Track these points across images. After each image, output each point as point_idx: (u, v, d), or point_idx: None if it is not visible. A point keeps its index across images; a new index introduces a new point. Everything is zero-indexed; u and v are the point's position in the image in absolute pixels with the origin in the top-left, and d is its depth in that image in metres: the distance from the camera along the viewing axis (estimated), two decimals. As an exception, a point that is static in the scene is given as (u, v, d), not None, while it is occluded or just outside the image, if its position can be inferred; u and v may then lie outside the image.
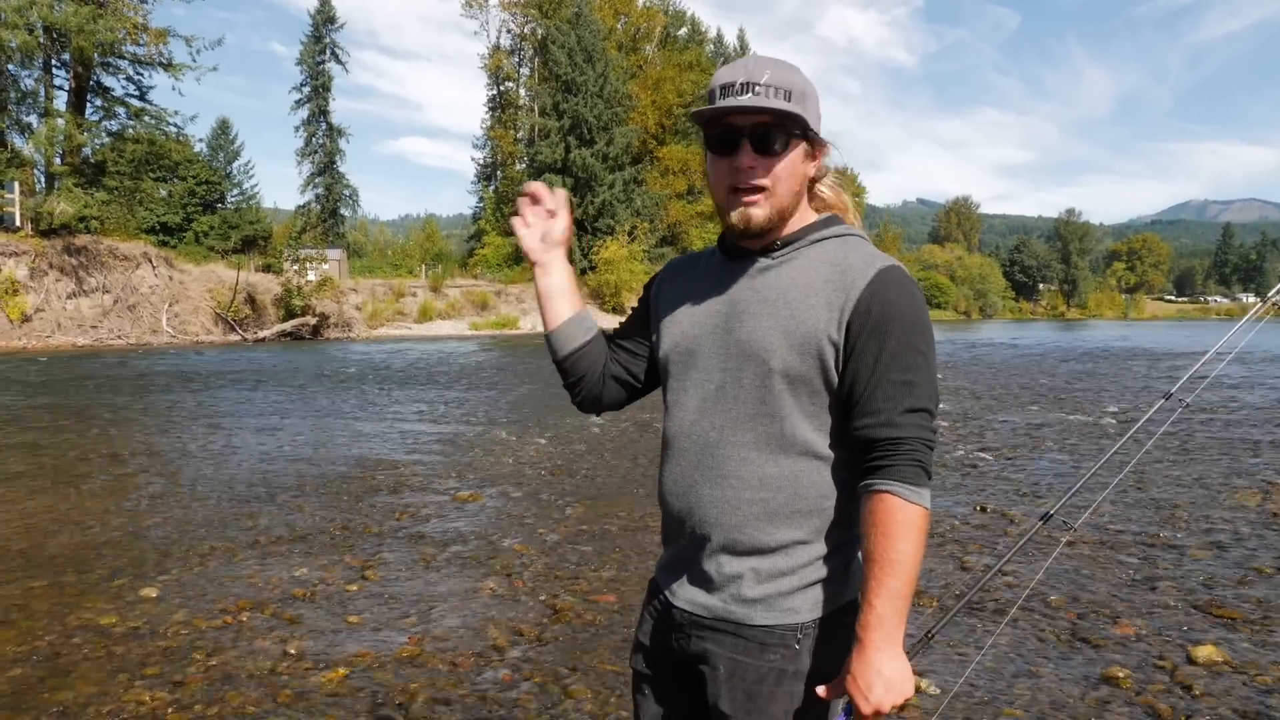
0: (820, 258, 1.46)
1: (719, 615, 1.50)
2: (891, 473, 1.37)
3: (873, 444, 1.40)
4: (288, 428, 10.86)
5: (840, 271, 1.43)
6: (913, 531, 1.36)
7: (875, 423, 1.39)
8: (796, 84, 1.42)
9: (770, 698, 1.47)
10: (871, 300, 1.39)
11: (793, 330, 1.42)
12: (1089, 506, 2.71)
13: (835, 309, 1.41)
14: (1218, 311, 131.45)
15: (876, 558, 1.36)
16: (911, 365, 1.39)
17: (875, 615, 1.36)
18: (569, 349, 1.69)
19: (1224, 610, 4.41)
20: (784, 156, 1.43)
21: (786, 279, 1.46)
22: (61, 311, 29.58)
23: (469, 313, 45.33)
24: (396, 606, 4.52)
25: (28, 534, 5.88)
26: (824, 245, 1.48)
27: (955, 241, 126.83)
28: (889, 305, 1.39)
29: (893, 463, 1.38)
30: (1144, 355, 26.30)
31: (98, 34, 32.22)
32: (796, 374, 1.42)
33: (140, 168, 36.84)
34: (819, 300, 1.42)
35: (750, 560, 1.47)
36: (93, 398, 14.00)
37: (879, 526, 1.37)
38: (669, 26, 69.17)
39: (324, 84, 62.28)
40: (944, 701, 3.37)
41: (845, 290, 1.41)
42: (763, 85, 1.39)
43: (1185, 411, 3.78)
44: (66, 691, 3.46)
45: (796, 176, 1.45)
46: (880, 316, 1.39)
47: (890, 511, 1.36)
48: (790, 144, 1.43)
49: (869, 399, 1.39)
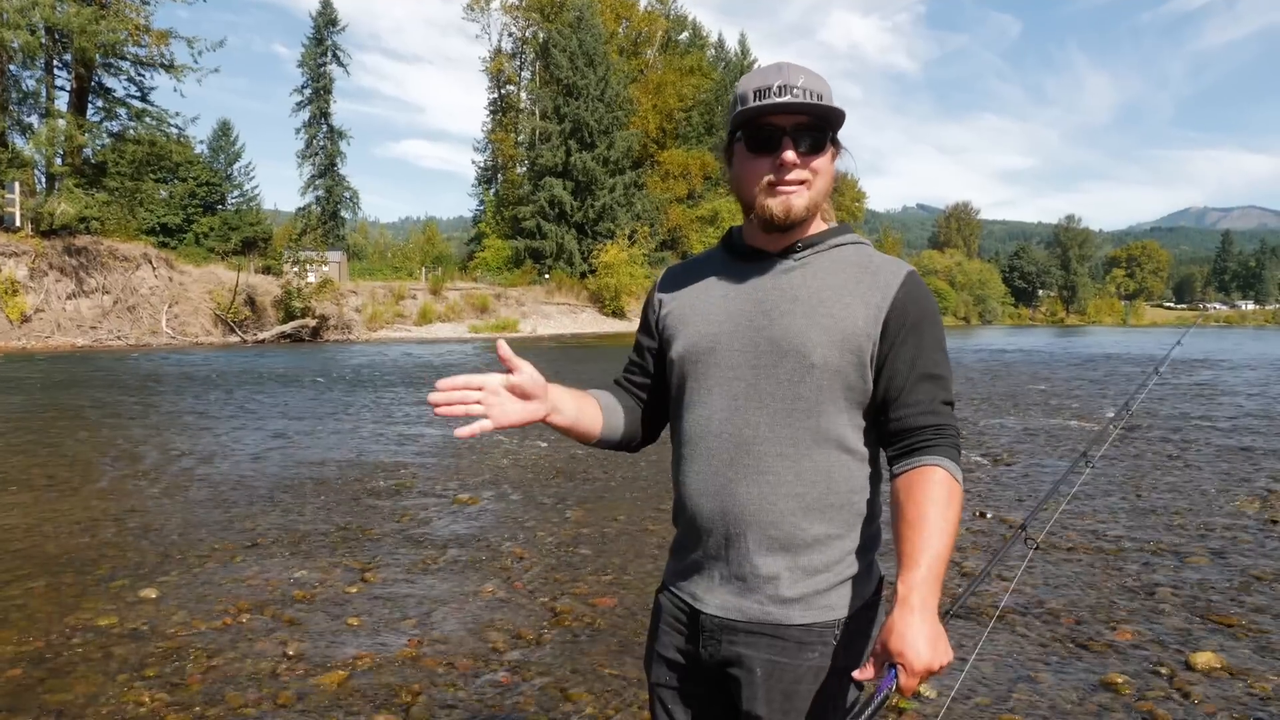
0: (843, 260, 1.53)
1: (755, 618, 1.50)
2: (941, 451, 1.44)
3: (916, 430, 1.46)
4: (287, 430, 10.86)
5: (870, 274, 1.50)
6: (957, 503, 1.42)
7: (918, 411, 1.46)
8: (826, 89, 1.49)
9: (809, 696, 1.48)
10: (907, 300, 1.48)
11: (831, 327, 1.47)
12: (1057, 514, 2.71)
13: (873, 308, 1.47)
14: (1216, 319, 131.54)
15: (925, 522, 1.38)
16: (942, 361, 1.49)
17: (921, 575, 1.35)
18: (618, 437, 1.70)
19: (1223, 617, 4.41)
20: (822, 153, 1.50)
21: (816, 279, 1.51)
22: (61, 312, 29.58)
23: (469, 315, 45.34)
24: (396, 609, 4.52)
25: (27, 534, 5.88)
26: (842, 250, 1.55)
27: (955, 247, 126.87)
28: (921, 306, 1.49)
29: (940, 444, 1.45)
30: (1144, 361, 26.31)
31: (100, 35, 32.23)
32: (835, 369, 1.47)
33: (141, 169, 36.82)
34: (855, 299, 1.48)
35: (787, 557, 1.49)
36: (92, 399, 13.99)
37: (930, 494, 1.40)
38: (670, 31, 69.29)
39: (325, 86, 62.44)
40: (943, 706, 3.37)
41: (881, 291, 1.48)
42: (799, 88, 1.46)
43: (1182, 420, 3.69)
44: (65, 692, 3.46)
45: (830, 174, 1.53)
46: (916, 316, 1.48)
47: (942, 482, 1.41)
48: (827, 143, 1.50)
49: (910, 391, 1.46)
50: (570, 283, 54.19)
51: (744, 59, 75.97)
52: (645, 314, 1.72)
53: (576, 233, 57.04)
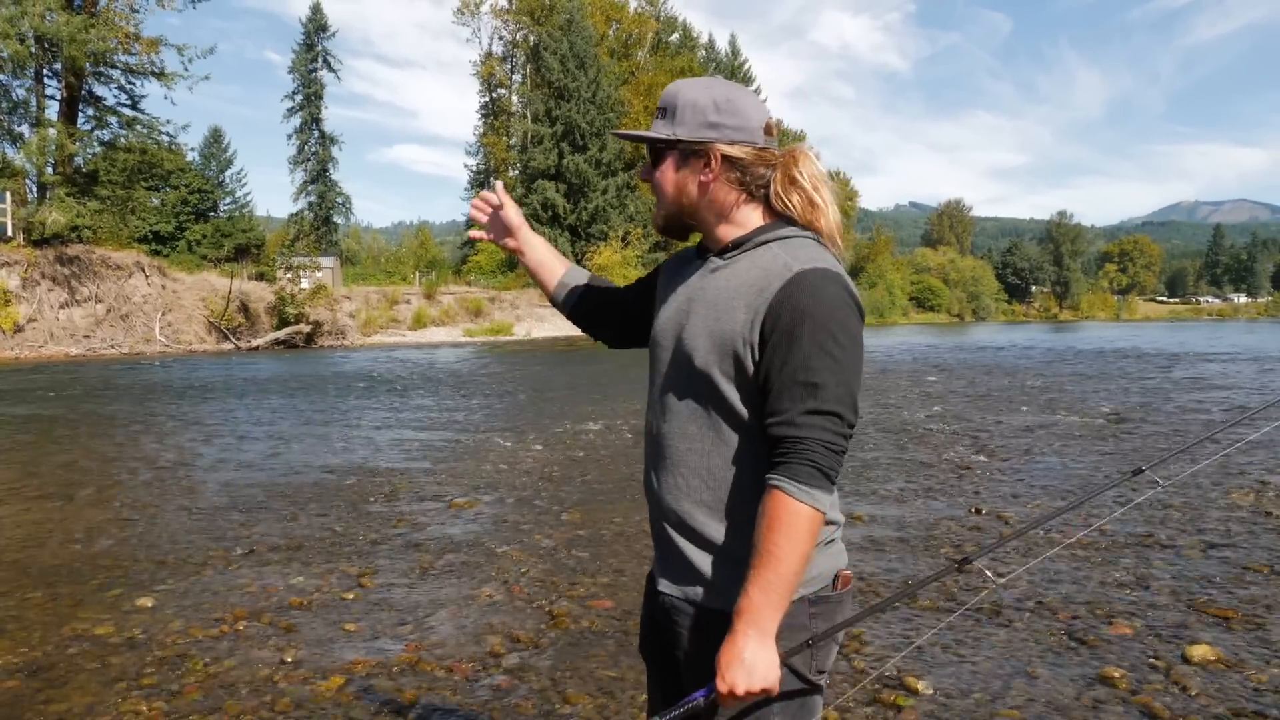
0: (757, 261, 1.51)
1: (687, 599, 1.58)
2: (785, 470, 1.40)
3: (776, 442, 1.44)
4: (282, 436, 10.84)
5: (764, 275, 1.47)
6: (795, 529, 1.39)
7: (777, 422, 1.43)
8: (674, 101, 1.55)
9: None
10: (783, 303, 1.42)
11: (715, 331, 1.49)
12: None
13: (752, 311, 1.45)
14: (1209, 312, 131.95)
15: (758, 549, 1.41)
16: (819, 367, 1.40)
17: (747, 602, 1.41)
18: (570, 287, 1.89)
19: (1218, 609, 4.43)
20: (659, 170, 1.59)
21: (723, 281, 1.53)
22: (54, 321, 29.48)
23: (463, 319, 45.31)
24: (393, 614, 4.52)
25: (22, 545, 5.86)
26: (767, 249, 1.52)
27: (948, 244, 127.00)
28: (799, 308, 1.41)
29: (788, 460, 1.41)
30: (1134, 356, 26.39)
31: (89, 43, 32.13)
32: (718, 373, 1.49)
33: (132, 177, 36.68)
34: (740, 303, 1.47)
35: (701, 547, 1.55)
36: (86, 407, 13.95)
37: (765, 519, 1.41)
38: (660, 32, 69.34)
39: (316, 92, 62.32)
40: (940, 702, 3.38)
41: (762, 293, 1.45)
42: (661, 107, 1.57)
43: (1177, 412, 3.58)
44: (63, 702, 3.46)
45: (680, 181, 1.57)
46: (790, 319, 1.41)
47: (776, 506, 1.40)
48: (664, 159, 1.57)
49: (775, 399, 1.43)
50: (564, 285, 54.08)
51: (735, 60, 76.05)
52: (654, 274, 1.82)
53: (570, 235, 57.05)
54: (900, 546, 5.73)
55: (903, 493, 7.34)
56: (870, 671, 3.72)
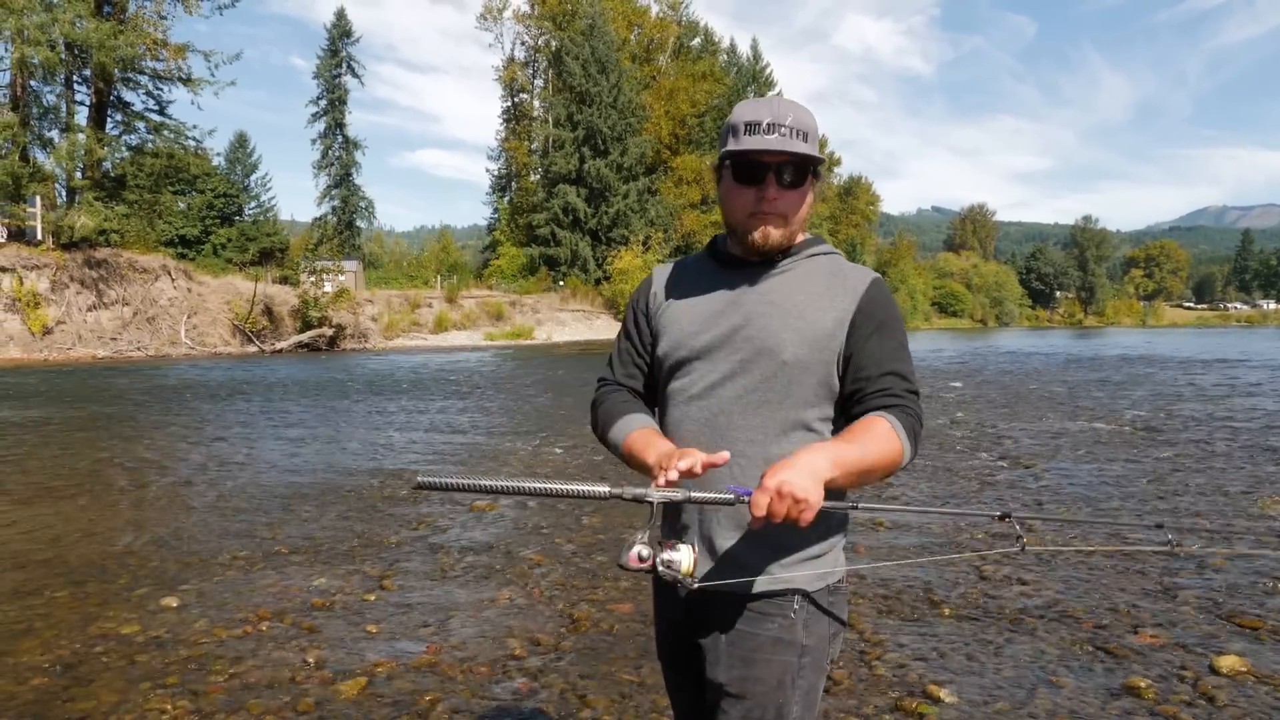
0: (816, 269, 1.69)
1: (732, 590, 1.61)
2: (892, 411, 1.54)
3: (878, 408, 1.56)
4: (305, 439, 10.93)
5: (840, 280, 1.66)
6: (886, 448, 1.49)
7: (881, 395, 1.57)
8: (812, 126, 1.60)
9: (766, 664, 1.60)
10: (872, 304, 1.63)
11: (803, 329, 1.61)
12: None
13: (841, 310, 1.63)
14: (1238, 318, 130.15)
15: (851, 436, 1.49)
16: (906, 357, 1.63)
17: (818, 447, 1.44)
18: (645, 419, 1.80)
19: (1247, 620, 4.36)
20: (802, 191, 1.63)
21: (791, 286, 1.66)
22: (82, 324, 29.91)
23: (484, 323, 45.51)
24: (414, 616, 4.54)
25: (50, 544, 5.94)
26: (816, 260, 1.70)
27: (971, 249, 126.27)
28: (886, 308, 1.64)
29: (896, 412, 1.54)
30: (1160, 362, 26.08)
31: (118, 50, 32.64)
32: (805, 365, 1.61)
33: (159, 181, 37.22)
34: (825, 303, 1.63)
35: (753, 534, 1.59)
36: (112, 409, 14.13)
37: (870, 428, 1.50)
38: (682, 37, 69.36)
39: (340, 97, 62.82)
40: (964, 711, 3.35)
41: (849, 295, 1.64)
42: (786, 126, 1.56)
43: (1206, 420, 3.51)
44: (89, 700, 3.50)
45: (808, 206, 1.67)
46: (882, 317, 1.63)
47: (884, 428, 1.50)
48: (807, 181, 1.63)
49: (875, 383, 1.58)
50: (585, 289, 54.29)
51: (756, 64, 75.97)
52: (636, 311, 1.83)
53: (591, 239, 57.17)
54: (921, 551, 5.70)
55: (928, 498, 7.29)
56: (892, 679, 3.69)
